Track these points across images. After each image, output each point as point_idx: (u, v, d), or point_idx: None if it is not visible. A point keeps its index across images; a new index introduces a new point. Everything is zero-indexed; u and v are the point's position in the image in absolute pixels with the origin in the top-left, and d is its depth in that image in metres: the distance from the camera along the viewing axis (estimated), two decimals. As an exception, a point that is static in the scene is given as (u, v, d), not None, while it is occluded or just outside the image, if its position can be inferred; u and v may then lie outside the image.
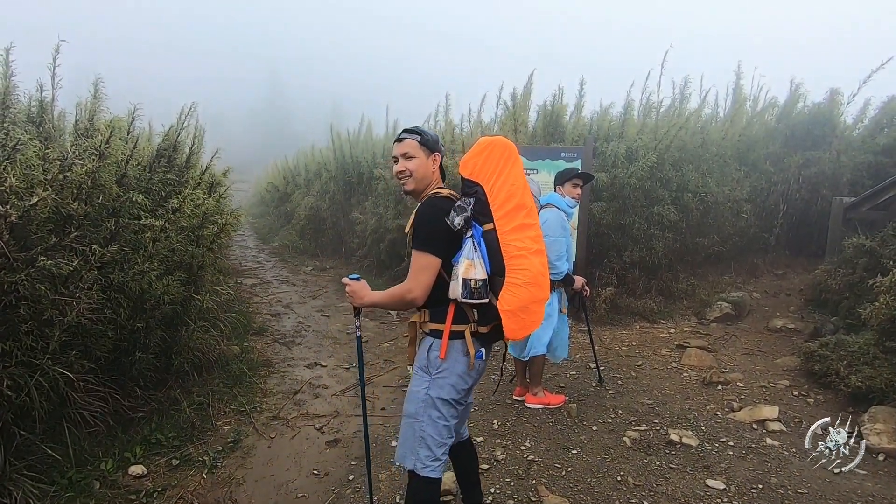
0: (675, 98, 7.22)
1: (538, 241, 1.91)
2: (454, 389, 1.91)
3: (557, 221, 3.39)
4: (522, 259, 1.83)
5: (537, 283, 1.85)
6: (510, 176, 1.87)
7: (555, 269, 3.33)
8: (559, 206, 3.46)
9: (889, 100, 7.56)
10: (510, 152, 1.90)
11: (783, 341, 5.13)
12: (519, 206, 1.87)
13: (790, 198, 7.33)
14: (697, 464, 2.95)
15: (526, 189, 1.93)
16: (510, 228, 1.84)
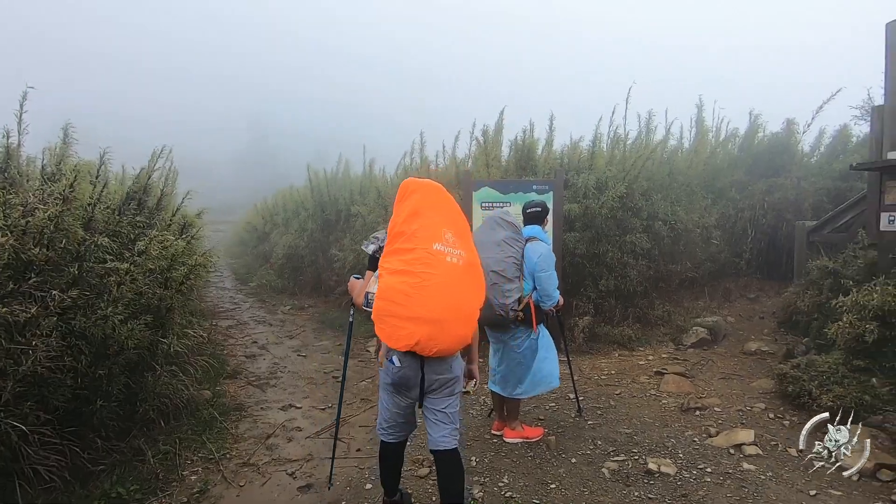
0: (640, 130, 7.52)
1: (409, 264, 2.12)
2: (384, 382, 2.38)
3: (550, 255, 3.46)
4: (382, 277, 2.16)
5: (388, 299, 2.09)
6: (399, 210, 2.26)
7: (550, 298, 3.41)
8: (543, 239, 3.54)
9: (842, 128, 7.98)
10: (405, 190, 2.30)
11: (758, 364, 5.18)
12: (397, 235, 2.20)
13: (757, 223, 7.57)
14: (675, 493, 2.91)
15: (410, 219, 2.21)
16: (385, 253, 2.22)
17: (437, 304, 2.08)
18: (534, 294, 3.44)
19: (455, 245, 2.20)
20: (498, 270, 3.25)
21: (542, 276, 3.37)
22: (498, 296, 3.24)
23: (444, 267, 2.12)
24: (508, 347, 3.52)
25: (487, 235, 3.39)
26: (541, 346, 3.55)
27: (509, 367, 3.56)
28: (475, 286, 2.26)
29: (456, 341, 2.16)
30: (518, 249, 3.37)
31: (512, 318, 3.33)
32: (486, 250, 3.25)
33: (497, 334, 3.56)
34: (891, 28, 3.98)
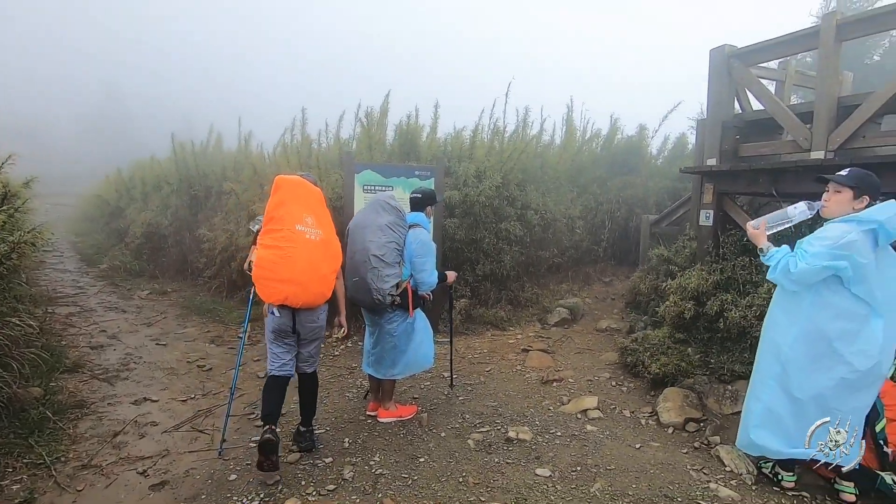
0: (518, 124, 8.00)
1: (277, 241, 2.84)
2: (268, 330, 3.05)
3: (429, 242, 3.55)
4: (257, 250, 2.92)
5: (262, 266, 2.84)
6: (272, 200, 2.94)
7: (425, 285, 3.55)
8: (424, 226, 3.62)
9: (681, 136, 9.28)
10: (276, 185, 2.98)
11: (607, 339, 5.90)
12: (269, 219, 2.91)
13: (613, 215, 8.52)
14: (530, 456, 3.23)
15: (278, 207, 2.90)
16: (261, 232, 2.93)
17: (298, 269, 2.84)
18: (411, 280, 3.54)
19: (313, 226, 2.96)
20: (379, 255, 3.29)
21: (418, 262, 3.47)
22: (377, 280, 3.29)
23: (304, 242, 2.88)
24: (384, 330, 3.58)
25: (370, 218, 3.40)
26: (416, 329, 3.65)
27: (384, 349, 3.63)
28: (329, 256, 3.03)
29: (316, 297, 2.96)
30: (400, 235, 3.43)
31: (389, 303, 3.39)
32: (368, 233, 3.32)
33: (374, 317, 3.61)
34: (713, 54, 4.73)
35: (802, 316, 2.53)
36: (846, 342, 2.45)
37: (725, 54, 4.64)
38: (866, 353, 2.43)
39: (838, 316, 2.46)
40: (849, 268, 2.36)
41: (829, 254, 2.37)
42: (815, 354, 2.51)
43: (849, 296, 2.42)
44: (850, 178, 2.49)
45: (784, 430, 2.63)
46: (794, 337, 2.55)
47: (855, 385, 2.49)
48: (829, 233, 2.45)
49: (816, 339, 2.50)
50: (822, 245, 2.41)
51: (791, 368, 2.57)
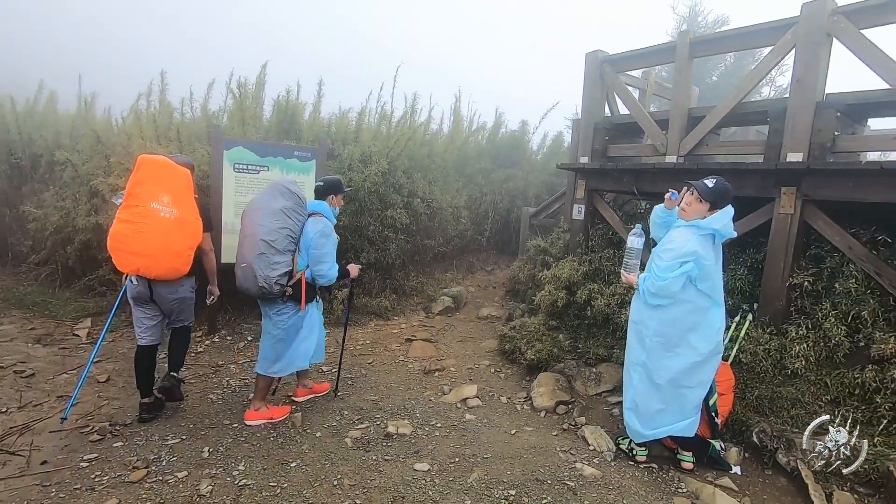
0: (406, 110, 7.85)
1: (133, 216, 3.02)
2: (129, 297, 3.27)
3: (329, 232, 3.35)
4: (115, 224, 3.07)
5: (115, 239, 3.03)
6: (132, 177, 3.09)
7: (324, 277, 3.35)
8: (327, 215, 3.42)
9: (557, 135, 9.88)
10: (138, 164, 3.11)
11: (488, 327, 6.07)
12: (128, 195, 3.06)
13: (497, 206, 8.81)
14: (409, 450, 3.17)
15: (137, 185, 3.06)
16: (120, 207, 3.08)
17: (149, 244, 3.03)
18: (308, 270, 3.33)
19: (169, 205, 3.10)
20: (268, 240, 3.13)
21: (317, 253, 3.28)
22: (264, 267, 3.12)
23: (157, 220, 3.05)
24: (272, 322, 3.37)
25: (265, 202, 3.23)
26: (305, 324, 3.45)
27: (269, 342, 3.38)
28: (185, 235, 3.18)
29: (168, 271, 3.14)
30: (296, 222, 3.27)
31: (278, 293, 3.21)
32: (260, 217, 3.18)
33: (264, 307, 3.39)
34: (588, 58, 5.03)
35: (662, 310, 2.82)
36: (695, 331, 2.78)
37: (599, 59, 4.96)
38: (708, 337, 2.80)
39: (690, 310, 2.77)
40: (695, 268, 2.67)
41: (676, 262, 2.68)
42: (671, 344, 2.81)
43: (696, 291, 2.73)
44: (712, 193, 2.76)
45: (646, 413, 2.90)
46: (654, 329, 2.83)
47: (700, 365, 2.83)
48: (673, 243, 2.76)
49: (672, 330, 2.81)
50: (669, 257, 2.72)
51: (652, 357, 2.84)
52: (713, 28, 10.09)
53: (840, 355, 3.35)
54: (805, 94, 3.57)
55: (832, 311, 3.42)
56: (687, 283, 2.71)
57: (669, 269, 2.69)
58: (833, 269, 3.56)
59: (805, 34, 3.56)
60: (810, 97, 3.56)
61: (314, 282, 3.38)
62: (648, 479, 2.97)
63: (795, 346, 3.47)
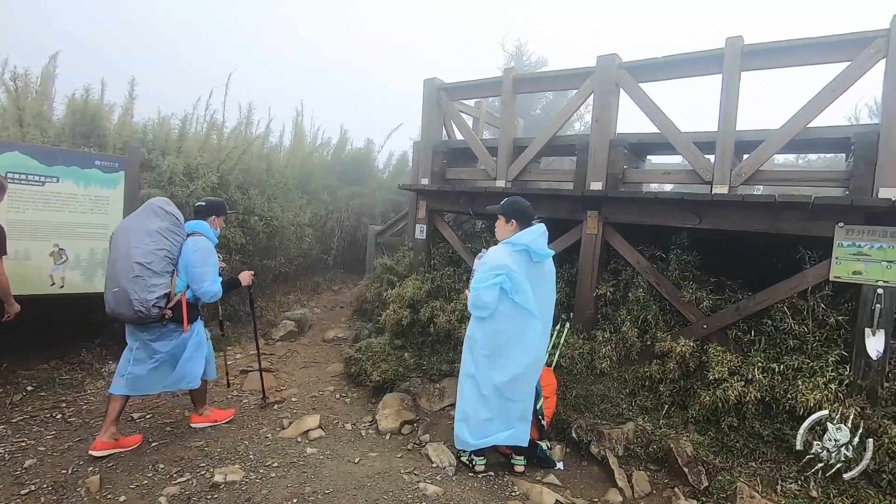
0: (241, 121, 7.28)
1: None
2: None
3: (209, 250, 3.36)
4: None
5: None
6: None
7: (207, 295, 3.32)
8: (208, 235, 3.43)
9: (402, 154, 10.14)
10: None
11: (334, 350, 5.86)
12: None
13: (343, 224, 8.65)
14: (241, 499, 2.85)
15: None
16: None
17: None
18: (188, 291, 3.30)
19: None
20: (144, 262, 3.04)
21: (198, 271, 3.25)
22: (140, 290, 3.02)
23: None
24: (150, 349, 3.27)
25: (139, 222, 3.16)
26: (189, 345, 3.39)
27: (147, 368, 3.28)
28: None
29: None
30: (173, 243, 3.21)
31: (157, 316, 3.13)
32: (134, 238, 3.08)
33: (137, 332, 3.25)
34: (426, 84, 5.27)
35: (487, 323, 2.99)
36: (516, 343, 2.98)
37: (436, 86, 5.22)
38: (529, 348, 3.01)
39: (510, 322, 2.97)
40: (507, 280, 2.88)
41: (490, 274, 2.89)
42: (495, 355, 2.99)
43: (513, 304, 2.94)
44: (501, 206, 3.13)
45: (475, 422, 3.04)
46: (480, 342, 3.01)
47: (522, 377, 3.05)
48: (488, 258, 3.00)
49: (496, 342, 2.99)
50: (483, 269, 2.95)
51: (480, 368, 3.01)
52: (535, 67, 11.43)
53: (634, 353, 3.97)
54: (602, 132, 4.21)
55: (627, 317, 4.05)
56: (504, 296, 2.90)
57: (483, 281, 2.89)
58: (627, 280, 4.23)
59: (600, 82, 4.21)
60: (606, 135, 4.21)
61: (196, 301, 3.36)
62: (486, 487, 3.12)
63: (602, 349, 4.02)
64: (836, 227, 3.24)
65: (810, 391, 3.10)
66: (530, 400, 3.18)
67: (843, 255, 3.23)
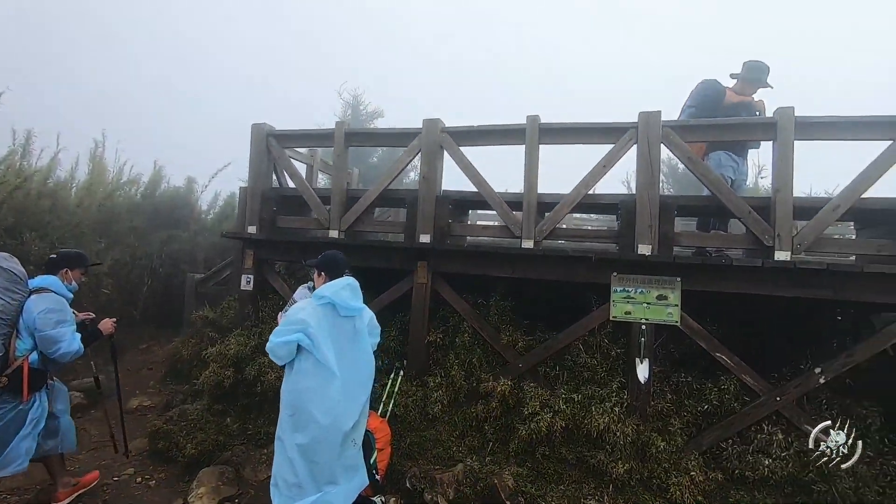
0: (15, 150, 6.02)
1: None
2: None
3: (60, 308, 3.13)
4: None
5: None
6: None
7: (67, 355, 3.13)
8: (57, 290, 3.21)
9: (231, 195, 9.44)
10: None
11: (137, 422, 5.01)
12: None
13: (155, 272, 7.59)
14: None
15: None
16: None
17: None
18: (32, 354, 3.05)
19: None
20: None
21: (46, 334, 3.02)
22: None
23: None
24: None
25: None
26: (29, 418, 3.08)
27: None
28: None
29: None
30: (9, 301, 2.98)
31: None
32: None
33: None
34: (254, 129, 5.08)
35: (290, 381, 2.80)
36: (315, 402, 2.71)
37: (264, 132, 5.05)
38: (328, 410, 2.73)
39: (311, 379, 2.73)
40: (305, 338, 2.71)
41: (286, 329, 2.73)
42: (297, 415, 2.74)
43: (315, 362, 2.73)
44: (317, 262, 3.10)
45: (284, 488, 2.76)
46: (285, 401, 2.79)
47: (324, 439, 2.73)
48: (293, 309, 2.89)
49: (298, 401, 2.74)
50: (283, 321, 2.82)
51: (284, 430, 2.79)
52: (371, 118, 11.86)
53: (462, 396, 4.22)
54: (429, 188, 4.54)
55: (455, 361, 4.31)
56: (306, 353, 2.72)
57: (279, 334, 2.73)
58: (454, 326, 4.51)
59: (427, 143, 4.57)
60: (433, 191, 4.54)
61: (43, 366, 3.13)
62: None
63: (434, 394, 4.19)
64: (612, 276, 3.96)
65: (600, 416, 3.66)
66: (332, 468, 2.82)
67: (617, 298, 3.95)
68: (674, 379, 3.98)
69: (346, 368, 2.82)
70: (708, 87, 4.81)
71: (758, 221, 3.72)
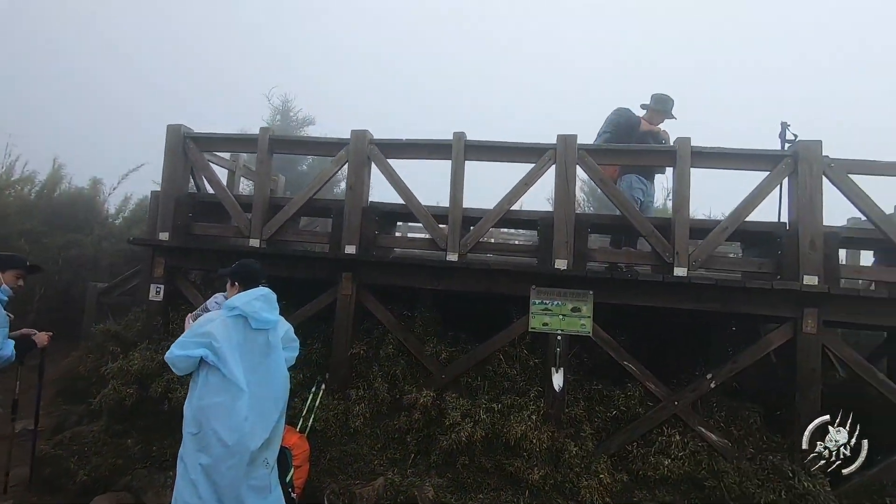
0: None
1: None
2: None
3: None
4: None
5: None
6: None
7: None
8: None
9: (144, 198, 8.79)
10: None
11: (23, 447, 4.47)
12: None
13: (50, 280, 6.90)
14: None
15: None
16: None
17: None
18: None
19: None
20: None
21: None
22: None
23: None
24: None
25: None
26: None
27: None
28: None
29: None
30: None
31: None
32: None
33: None
34: (170, 130, 4.80)
35: (195, 396, 2.61)
36: (220, 420, 2.53)
37: (182, 134, 4.79)
38: (234, 428, 2.54)
39: (218, 395, 2.56)
40: (209, 353, 2.55)
41: (190, 342, 2.57)
42: (201, 434, 2.56)
43: (221, 376, 2.56)
44: (230, 272, 2.97)
45: None
46: (188, 418, 2.60)
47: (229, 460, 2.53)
48: (199, 322, 2.72)
49: (201, 418, 2.56)
50: (187, 335, 2.65)
51: (187, 449, 2.60)
52: (302, 125, 11.58)
53: (385, 408, 4.19)
54: (355, 199, 4.51)
55: (379, 373, 4.28)
56: (212, 367, 2.57)
57: (181, 346, 2.57)
58: (379, 338, 4.49)
59: (354, 154, 4.55)
60: (359, 202, 4.52)
61: None
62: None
63: (356, 407, 4.13)
64: (532, 289, 4.14)
65: (518, 424, 3.78)
66: (243, 483, 2.62)
67: (536, 310, 4.13)
68: (586, 387, 4.21)
69: (256, 384, 2.67)
70: (622, 116, 5.21)
71: (660, 240, 4.05)
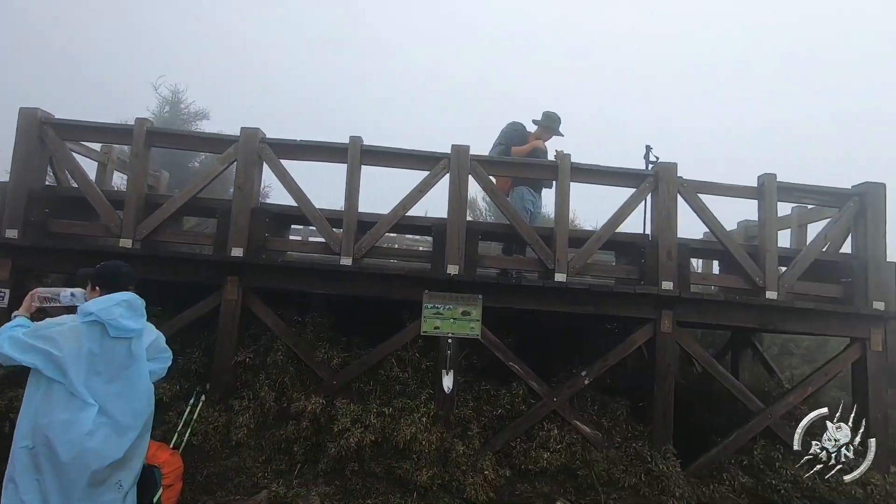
0: None
1: None
2: None
3: None
4: None
5: None
6: None
7: None
8: None
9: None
10: None
11: None
12: None
13: None
14: None
15: None
16: None
17: None
18: None
19: None
20: None
21: None
22: None
23: None
24: None
25: None
26: None
27: None
28: None
29: None
30: None
31: None
32: None
33: None
34: (23, 114, 4.22)
35: (31, 406, 2.31)
36: (58, 434, 2.27)
37: (38, 119, 4.24)
38: (72, 444, 2.27)
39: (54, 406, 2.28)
40: (47, 363, 2.27)
41: (27, 344, 2.27)
42: (35, 447, 2.27)
43: (64, 389, 2.29)
44: (94, 273, 2.57)
45: None
46: (23, 432, 2.28)
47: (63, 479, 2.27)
48: (46, 324, 2.38)
49: (37, 432, 2.28)
50: (27, 334, 2.30)
51: (19, 468, 2.28)
52: (194, 118, 10.78)
53: (271, 418, 4.02)
54: (244, 200, 4.30)
55: (266, 381, 4.11)
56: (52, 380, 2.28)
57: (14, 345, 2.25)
58: (267, 344, 4.31)
59: (244, 152, 4.34)
60: (248, 203, 4.32)
61: None
62: None
63: (239, 418, 3.92)
64: (424, 293, 4.23)
65: (408, 426, 3.83)
66: None
67: (428, 314, 4.22)
68: (476, 387, 4.38)
69: (112, 398, 2.38)
70: (514, 130, 5.54)
71: (543, 248, 4.36)
